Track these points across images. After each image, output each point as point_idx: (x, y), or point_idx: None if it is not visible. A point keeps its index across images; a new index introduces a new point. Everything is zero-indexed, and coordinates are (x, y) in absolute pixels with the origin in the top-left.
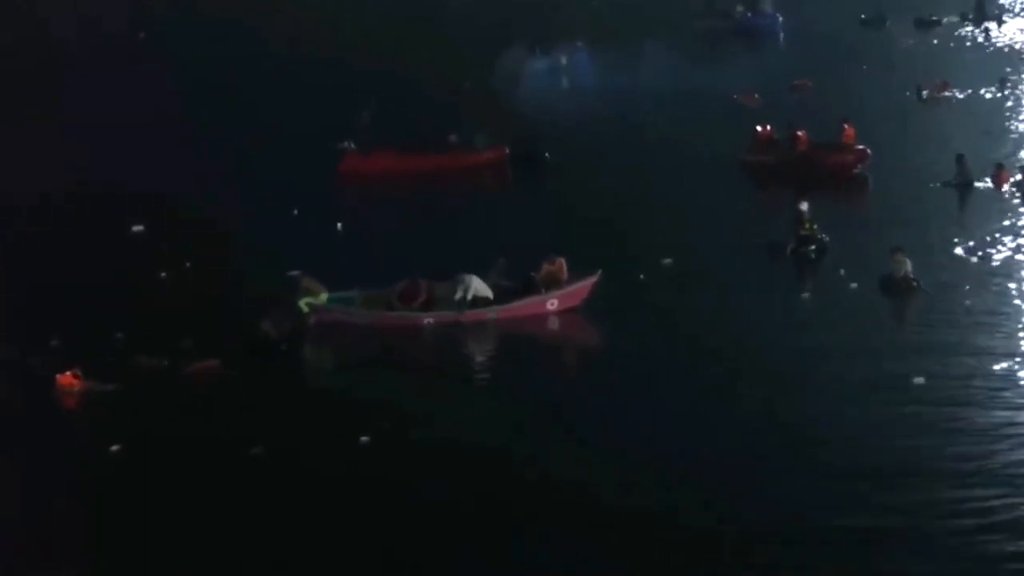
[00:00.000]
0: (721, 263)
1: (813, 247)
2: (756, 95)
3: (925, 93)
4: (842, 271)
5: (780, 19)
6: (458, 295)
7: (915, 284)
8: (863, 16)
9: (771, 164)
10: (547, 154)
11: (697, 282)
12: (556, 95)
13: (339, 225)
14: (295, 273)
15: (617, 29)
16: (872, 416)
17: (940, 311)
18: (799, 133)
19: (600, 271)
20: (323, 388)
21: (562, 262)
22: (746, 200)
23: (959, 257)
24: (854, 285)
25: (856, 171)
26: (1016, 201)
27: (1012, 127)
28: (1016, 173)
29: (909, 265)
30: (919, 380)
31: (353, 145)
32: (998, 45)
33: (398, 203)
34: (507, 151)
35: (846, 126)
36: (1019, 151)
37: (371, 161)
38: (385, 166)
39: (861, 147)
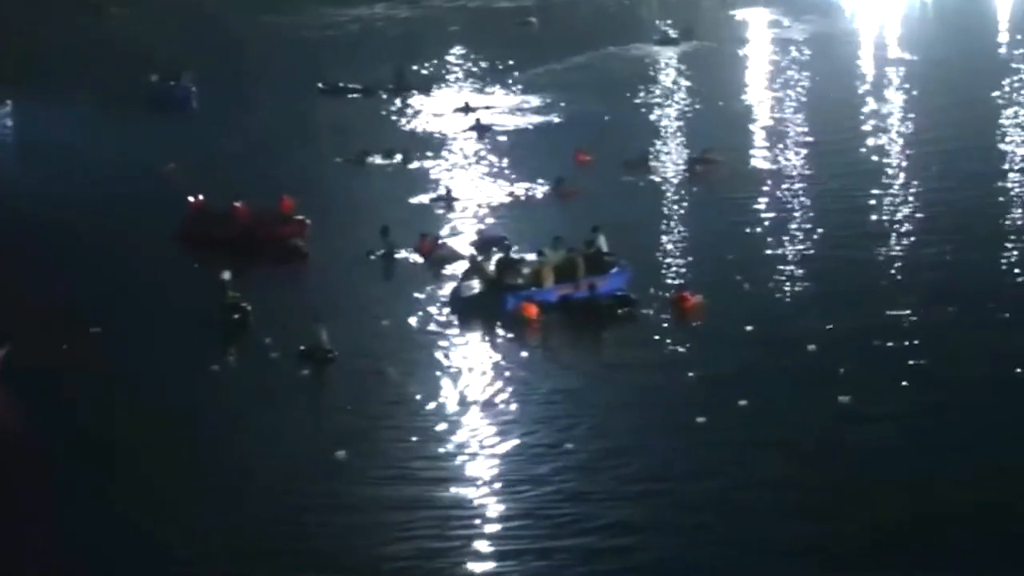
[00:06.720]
0: (153, 331)
1: (237, 315)
2: (172, 164)
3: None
4: (267, 340)
5: (193, 89)
6: None
7: (330, 355)
8: (320, 84)
9: (213, 235)
10: None
11: (126, 349)
12: None
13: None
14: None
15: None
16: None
17: (358, 379)
18: (237, 204)
19: None
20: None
21: None
22: (180, 272)
23: (381, 326)
24: (275, 355)
25: (296, 242)
26: (439, 269)
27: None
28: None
29: (325, 335)
30: (341, 453)
31: None
32: (418, 114)
33: None
34: None
35: (284, 197)
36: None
37: None
38: None
39: (300, 218)
